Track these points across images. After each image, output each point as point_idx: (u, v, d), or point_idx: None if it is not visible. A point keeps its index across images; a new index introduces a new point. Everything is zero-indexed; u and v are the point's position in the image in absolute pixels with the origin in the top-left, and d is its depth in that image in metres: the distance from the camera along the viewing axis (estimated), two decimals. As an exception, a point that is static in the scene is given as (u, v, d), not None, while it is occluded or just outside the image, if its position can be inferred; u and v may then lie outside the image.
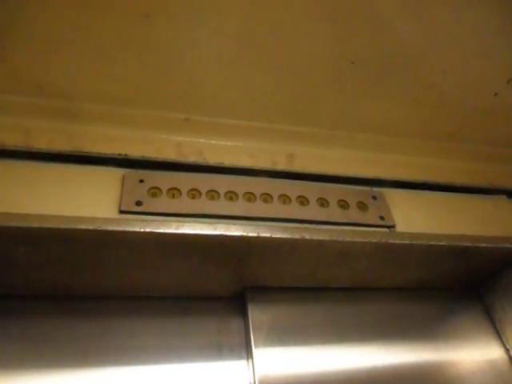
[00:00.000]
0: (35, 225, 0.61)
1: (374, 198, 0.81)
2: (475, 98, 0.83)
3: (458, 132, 0.87)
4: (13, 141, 0.70)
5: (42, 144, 0.71)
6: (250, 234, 0.68)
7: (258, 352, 0.74)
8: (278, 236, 0.69)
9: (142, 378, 0.70)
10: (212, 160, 0.78)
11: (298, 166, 0.82)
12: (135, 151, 0.75)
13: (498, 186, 0.91)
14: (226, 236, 0.68)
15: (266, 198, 0.76)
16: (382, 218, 0.78)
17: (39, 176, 0.69)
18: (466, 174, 0.89)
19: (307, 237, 0.71)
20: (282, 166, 0.81)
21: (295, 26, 0.69)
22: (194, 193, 0.73)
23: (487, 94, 0.82)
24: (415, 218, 0.81)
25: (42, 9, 0.62)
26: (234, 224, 0.69)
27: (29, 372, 0.67)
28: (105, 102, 0.74)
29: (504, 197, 0.91)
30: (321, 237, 0.71)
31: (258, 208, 0.74)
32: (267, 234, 0.69)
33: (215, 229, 0.67)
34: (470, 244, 0.78)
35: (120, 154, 0.74)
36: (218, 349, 0.76)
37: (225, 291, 0.80)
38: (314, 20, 0.68)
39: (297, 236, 0.70)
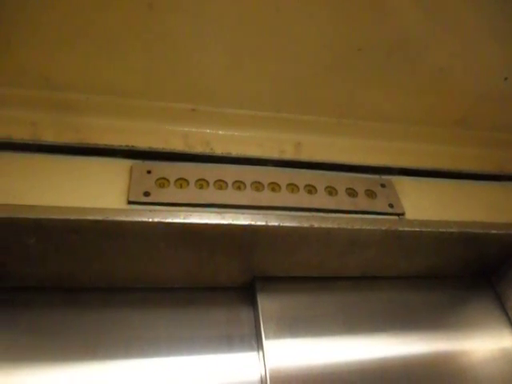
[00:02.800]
0: (44, 216, 0.62)
1: (383, 185, 0.80)
2: (485, 83, 0.81)
3: (468, 118, 0.85)
4: (20, 134, 0.70)
5: (49, 136, 0.72)
6: (259, 223, 0.68)
7: (269, 343, 0.73)
8: (286, 225, 0.69)
9: (152, 369, 0.70)
10: (219, 150, 0.78)
11: (305, 155, 0.81)
12: (142, 142, 0.75)
13: (508, 173, 0.89)
14: (234, 225, 0.67)
15: (274, 187, 0.75)
16: (391, 205, 0.78)
17: (47, 168, 0.69)
18: (475, 161, 0.87)
19: (316, 225, 0.70)
20: (289, 154, 0.81)
21: (301, 13, 0.69)
22: (202, 183, 0.73)
23: (497, 79, 0.81)
24: (425, 206, 0.80)
25: (47, 2, 0.62)
26: (242, 213, 0.69)
27: (38, 363, 0.67)
28: (111, 93, 0.74)
29: (515, 183, 0.90)
30: (329, 225, 0.71)
31: (266, 197, 0.73)
32: (276, 223, 0.69)
33: (223, 218, 0.67)
34: (480, 231, 0.77)
35: (127, 146, 0.74)
36: (228, 340, 0.76)
37: (234, 281, 0.80)
38: (319, 6, 0.68)
39: (305, 224, 0.70)
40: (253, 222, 0.68)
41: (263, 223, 0.68)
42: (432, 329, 0.82)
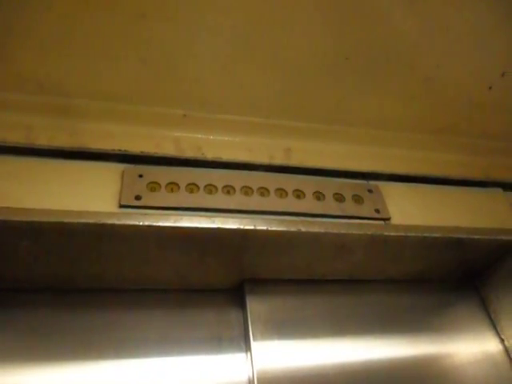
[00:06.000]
0: (37, 219, 0.63)
1: (370, 191, 0.82)
2: (470, 92, 0.84)
3: (454, 125, 0.88)
4: (15, 137, 0.72)
5: (43, 140, 0.73)
6: (247, 227, 0.70)
7: (256, 345, 0.75)
8: (274, 229, 0.71)
9: (143, 370, 0.72)
10: (210, 155, 0.79)
11: (294, 160, 0.83)
12: (135, 147, 0.76)
13: (493, 179, 0.91)
14: (224, 229, 0.69)
15: (263, 191, 0.77)
16: (377, 210, 0.80)
17: (41, 172, 0.71)
18: (461, 167, 0.89)
19: (303, 229, 0.72)
20: (279, 160, 0.82)
21: (289, 22, 0.70)
22: (192, 187, 0.74)
23: (482, 88, 0.83)
24: (411, 211, 0.82)
25: (42, 8, 0.64)
26: (231, 217, 0.70)
27: (33, 364, 0.68)
28: (104, 98, 0.75)
29: (499, 189, 0.92)
30: (316, 229, 0.73)
31: (255, 201, 0.75)
32: (264, 227, 0.71)
33: (213, 222, 0.69)
34: (464, 236, 0.79)
35: (120, 150, 0.75)
36: (218, 341, 0.77)
37: (224, 283, 0.81)
38: (307, 16, 0.70)
39: (293, 229, 0.72)
40: (241, 226, 0.70)
41: (251, 227, 0.70)
42: (417, 331, 0.84)
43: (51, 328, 0.72)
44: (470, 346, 0.85)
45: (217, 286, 0.82)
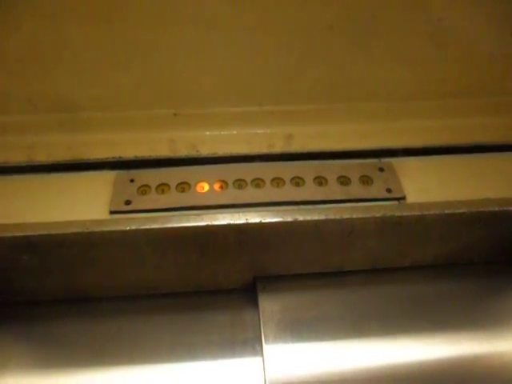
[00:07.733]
0: (29, 233, 0.65)
1: (381, 169, 0.74)
2: (489, 42, 0.72)
3: (474, 85, 0.76)
4: (17, 157, 0.75)
5: (43, 157, 0.76)
6: (238, 222, 0.66)
7: (268, 348, 0.70)
8: (268, 221, 0.66)
9: (155, 376, 0.70)
10: (205, 151, 0.77)
11: (297, 146, 0.78)
12: (128, 152, 0.76)
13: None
14: (214, 226, 0.66)
15: (258, 183, 0.73)
16: (389, 190, 0.71)
17: (39, 187, 0.73)
18: (489, 131, 0.77)
19: (300, 218, 0.66)
20: (279, 148, 0.77)
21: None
22: (184, 186, 0.72)
23: (503, 35, 0.71)
24: (430, 187, 0.72)
25: (14, 27, 0.66)
26: (221, 213, 0.67)
27: (51, 371, 0.70)
28: (95, 109, 0.76)
29: (538, 152, 0.78)
30: (316, 217, 0.67)
31: (249, 194, 0.71)
32: (256, 220, 0.66)
33: (202, 219, 0.66)
34: (497, 208, 0.68)
35: (114, 157, 0.75)
36: (232, 344, 0.73)
37: (235, 283, 0.78)
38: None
39: (289, 219, 0.66)
40: (232, 221, 0.66)
41: (243, 221, 0.66)
42: (457, 326, 0.72)
43: (66, 338, 0.74)
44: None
45: (228, 286, 0.78)
